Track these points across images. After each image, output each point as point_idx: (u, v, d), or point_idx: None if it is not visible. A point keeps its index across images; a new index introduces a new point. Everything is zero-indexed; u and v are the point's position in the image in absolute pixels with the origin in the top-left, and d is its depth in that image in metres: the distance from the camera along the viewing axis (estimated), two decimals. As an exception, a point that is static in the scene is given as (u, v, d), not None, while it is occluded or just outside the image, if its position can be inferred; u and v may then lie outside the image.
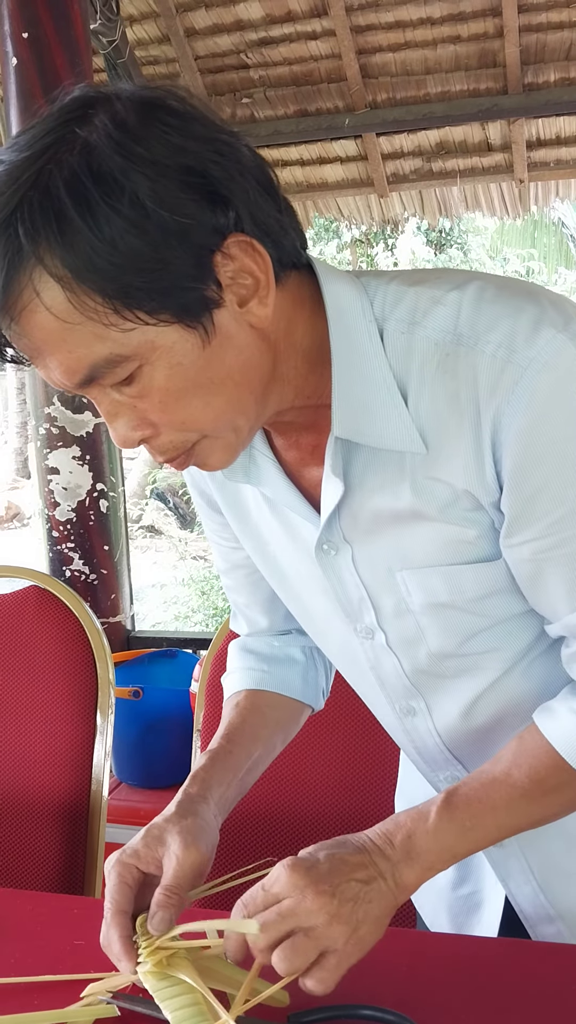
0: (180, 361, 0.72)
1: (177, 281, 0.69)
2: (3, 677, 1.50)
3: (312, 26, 3.40)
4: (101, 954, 0.90)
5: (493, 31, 3.28)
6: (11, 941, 0.94)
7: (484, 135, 3.60)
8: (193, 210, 0.69)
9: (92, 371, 0.71)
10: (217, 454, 0.79)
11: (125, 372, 0.72)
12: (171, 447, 0.77)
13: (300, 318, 0.80)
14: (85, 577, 2.76)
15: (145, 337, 0.70)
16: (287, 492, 0.89)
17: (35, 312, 0.69)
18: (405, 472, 0.81)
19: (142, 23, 3.43)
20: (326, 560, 0.90)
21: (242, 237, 0.72)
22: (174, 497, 12.01)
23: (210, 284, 0.71)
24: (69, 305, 0.68)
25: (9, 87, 2.58)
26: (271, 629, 1.13)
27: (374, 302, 0.80)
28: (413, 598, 0.87)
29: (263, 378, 0.78)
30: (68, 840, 1.41)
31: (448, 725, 0.95)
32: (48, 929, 0.96)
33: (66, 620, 1.49)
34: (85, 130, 0.68)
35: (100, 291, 0.68)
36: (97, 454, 2.72)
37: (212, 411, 0.75)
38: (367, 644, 0.93)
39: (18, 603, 1.53)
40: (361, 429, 0.80)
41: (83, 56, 2.62)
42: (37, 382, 2.70)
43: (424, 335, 0.77)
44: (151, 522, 11.66)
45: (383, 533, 0.85)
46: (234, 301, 0.73)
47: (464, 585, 0.85)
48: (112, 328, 0.69)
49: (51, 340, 0.70)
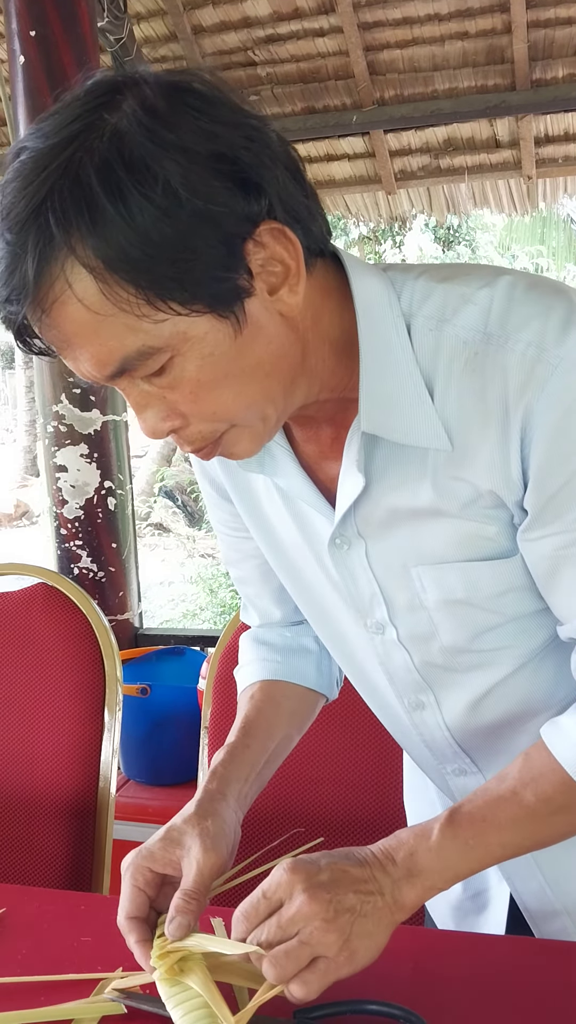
0: (212, 351, 0.71)
1: (209, 270, 0.68)
2: (12, 674, 1.50)
3: (319, 23, 3.39)
4: (108, 951, 0.90)
5: (501, 27, 3.26)
6: (19, 937, 0.95)
7: (492, 131, 3.59)
8: (225, 197, 0.68)
9: (124, 363, 0.71)
10: (244, 443, 0.79)
11: (157, 364, 0.71)
12: (199, 437, 0.77)
13: (327, 308, 0.79)
14: (93, 575, 2.76)
15: (177, 328, 0.69)
16: (303, 485, 0.88)
17: (67, 304, 0.68)
18: (427, 469, 0.81)
19: (149, 21, 3.43)
20: (339, 555, 0.89)
21: (274, 224, 0.71)
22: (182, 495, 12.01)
23: (242, 273, 0.70)
24: (102, 296, 0.67)
25: (16, 85, 2.58)
26: (284, 619, 1.12)
27: (401, 297, 0.80)
28: (428, 594, 0.86)
29: (292, 367, 0.77)
30: (76, 837, 1.41)
31: (457, 719, 0.95)
32: (55, 926, 0.97)
33: (74, 617, 1.50)
34: (114, 116, 0.67)
35: (133, 282, 0.67)
36: (105, 452, 2.72)
37: (242, 401, 0.75)
38: (377, 639, 0.93)
39: (26, 600, 1.54)
40: (387, 424, 0.79)
41: (90, 54, 2.62)
42: (45, 380, 2.70)
43: (453, 333, 0.77)
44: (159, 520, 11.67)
45: (399, 529, 0.85)
46: (264, 290, 0.73)
47: (481, 582, 0.84)
48: (144, 319, 0.68)
49: (82, 332, 0.69)
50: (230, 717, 1.42)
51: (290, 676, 1.09)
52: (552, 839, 0.85)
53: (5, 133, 3.69)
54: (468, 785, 1.00)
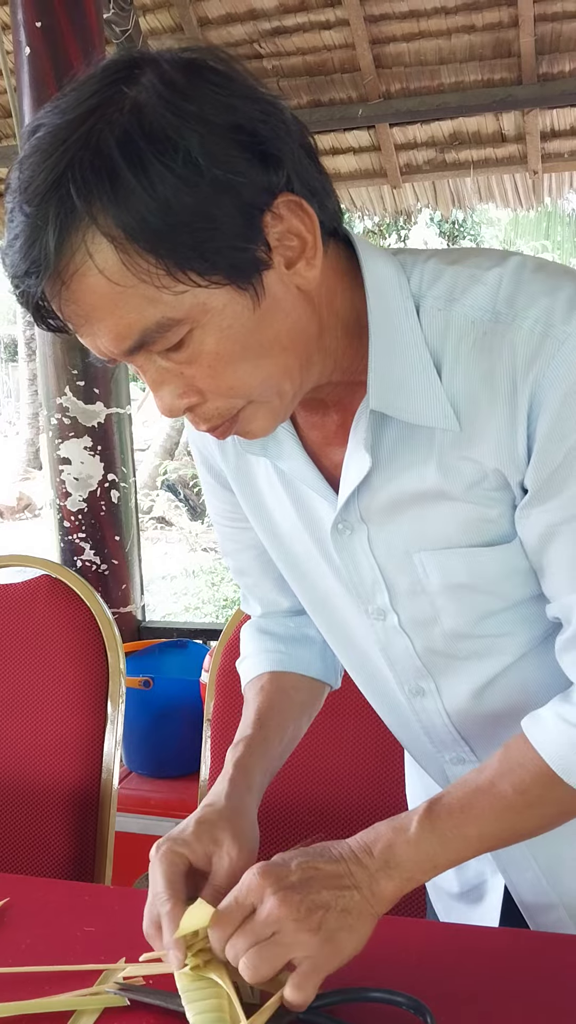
0: (231, 324, 0.71)
1: (229, 241, 0.68)
2: (15, 666, 1.50)
3: (326, 15, 3.38)
4: (111, 941, 0.90)
5: (508, 21, 3.25)
6: (22, 928, 0.95)
7: (498, 126, 3.58)
8: (244, 168, 0.68)
9: (143, 337, 0.70)
10: (260, 420, 0.78)
11: (176, 337, 0.71)
12: (216, 414, 0.77)
13: (339, 288, 0.80)
14: (96, 567, 2.76)
15: (197, 300, 0.69)
16: (306, 469, 0.88)
17: (87, 275, 0.68)
18: (433, 450, 0.81)
19: (155, 12, 3.42)
20: (341, 540, 0.89)
21: (291, 197, 0.71)
22: (185, 489, 12.01)
23: (260, 244, 0.71)
24: (122, 267, 0.67)
25: (22, 76, 2.57)
26: (287, 608, 1.12)
27: (411, 278, 0.80)
28: (431, 579, 0.86)
29: (309, 343, 0.77)
30: (78, 828, 1.41)
31: (458, 706, 0.95)
32: (58, 916, 0.97)
33: (77, 610, 1.50)
34: (133, 90, 0.67)
35: (153, 252, 0.67)
36: (108, 444, 2.72)
37: (260, 375, 0.75)
38: (378, 625, 0.93)
39: (30, 592, 1.54)
40: (395, 403, 0.79)
41: (96, 46, 2.61)
42: (49, 373, 2.70)
43: (461, 313, 0.78)
44: (162, 513, 11.68)
45: (402, 514, 0.85)
46: (282, 263, 0.73)
47: (484, 566, 0.84)
48: (164, 291, 0.68)
49: (102, 305, 0.69)
50: (232, 710, 1.43)
51: (296, 667, 1.09)
52: (531, 831, 0.85)
53: (10, 124, 3.68)
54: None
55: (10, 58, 2.76)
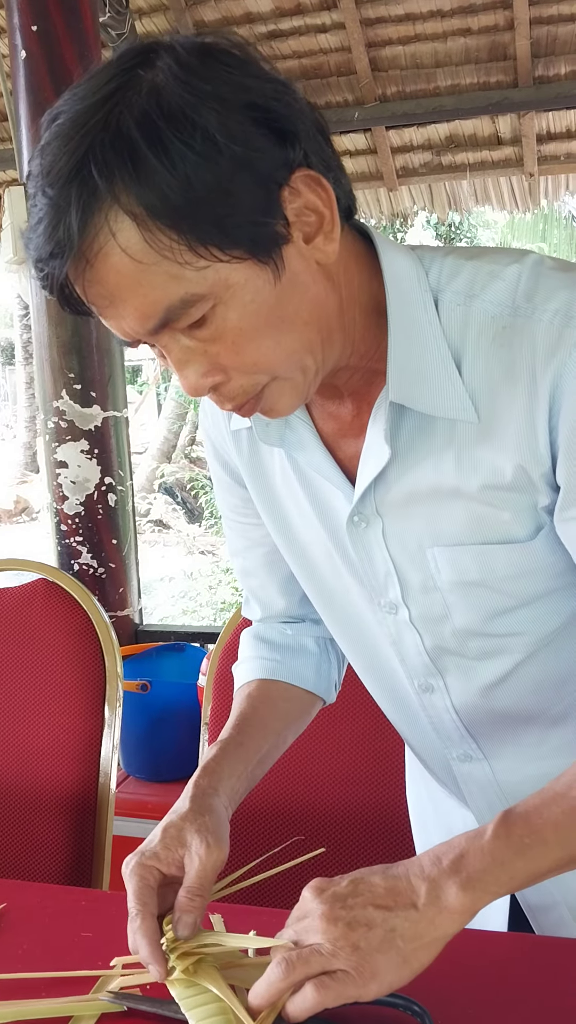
0: (253, 299, 0.72)
1: (248, 216, 0.70)
2: (12, 669, 1.50)
3: (321, 19, 3.39)
4: (109, 946, 0.90)
5: (504, 24, 3.26)
6: (19, 933, 0.95)
7: (494, 128, 3.59)
8: (262, 143, 0.70)
9: (167, 314, 0.71)
10: (285, 397, 0.79)
11: (199, 312, 0.72)
12: (241, 392, 0.77)
13: (357, 272, 0.81)
14: (93, 571, 2.76)
15: (219, 275, 0.70)
16: (323, 460, 0.89)
17: (110, 255, 0.69)
18: (452, 444, 0.81)
19: (151, 16, 3.43)
20: (356, 533, 0.89)
21: (308, 172, 0.73)
22: (182, 492, 12.02)
23: (279, 219, 0.72)
24: (145, 244, 0.68)
25: (18, 80, 2.57)
26: (286, 612, 1.12)
27: (429, 273, 0.81)
28: (442, 575, 0.87)
29: (329, 319, 0.78)
30: (76, 832, 1.41)
31: (466, 703, 0.94)
32: (56, 921, 0.97)
33: (74, 613, 1.50)
34: (150, 73, 0.69)
35: (175, 228, 0.68)
36: (106, 448, 2.72)
37: (283, 350, 0.76)
38: (389, 620, 0.93)
39: (27, 596, 1.53)
40: (414, 395, 0.80)
41: (92, 49, 2.61)
42: (46, 376, 2.70)
43: (481, 308, 0.79)
44: (159, 516, 11.68)
45: (417, 508, 0.85)
46: (300, 238, 0.74)
47: (495, 565, 0.84)
48: (187, 267, 0.69)
49: (126, 284, 0.70)
50: (229, 714, 1.42)
51: (288, 677, 1.08)
52: None
53: (6, 128, 3.68)
54: (473, 772, 0.99)
55: (6, 62, 2.76)
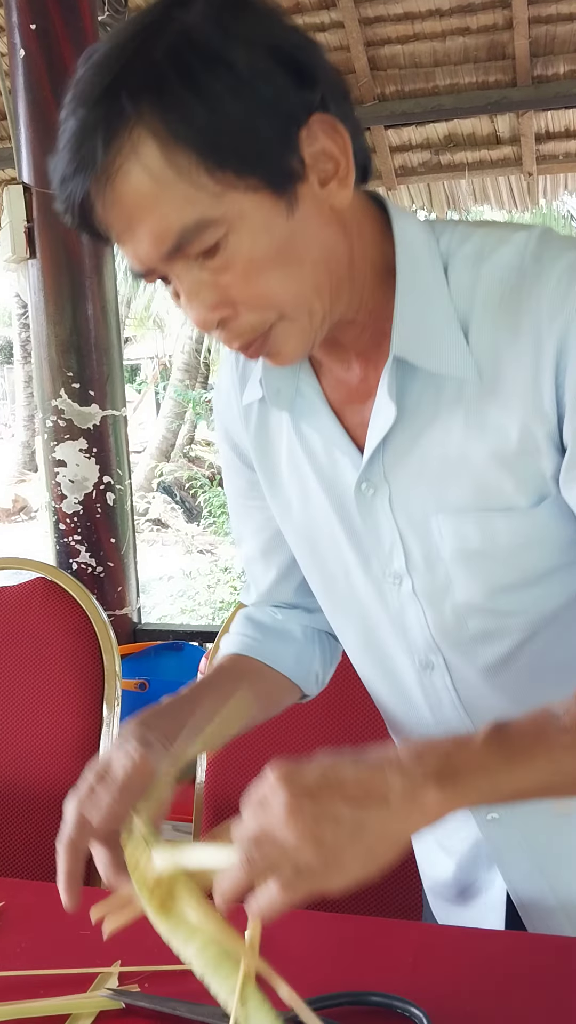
0: (265, 230, 0.75)
1: (266, 147, 0.73)
2: (10, 669, 1.50)
3: (320, 18, 3.39)
4: (107, 945, 0.90)
5: (502, 23, 3.26)
6: (17, 931, 0.95)
7: (493, 128, 3.59)
8: (284, 82, 0.73)
9: (181, 237, 0.73)
10: (292, 340, 0.80)
11: (212, 238, 0.74)
12: (248, 328, 0.79)
13: (369, 230, 0.83)
14: (92, 570, 2.76)
15: (233, 202, 0.73)
16: (332, 426, 0.90)
17: (131, 172, 0.72)
18: (459, 407, 0.83)
19: (150, 15, 3.43)
20: (363, 501, 0.90)
21: (326, 117, 0.76)
22: (180, 491, 12.02)
23: (295, 156, 0.75)
24: (165, 164, 0.71)
25: (17, 79, 2.57)
26: (282, 599, 1.12)
27: (440, 240, 0.84)
28: (445, 544, 0.87)
29: (339, 265, 0.80)
30: (74, 831, 1.41)
31: (466, 684, 0.94)
32: (54, 919, 0.97)
33: (73, 612, 1.50)
34: (184, 14, 0.72)
35: (196, 151, 0.71)
36: (104, 447, 2.72)
37: (292, 286, 0.77)
38: (393, 592, 0.93)
39: (25, 595, 1.54)
40: (417, 350, 0.82)
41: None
42: (45, 375, 2.70)
43: (489, 272, 0.81)
44: (158, 515, 11.68)
45: (424, 473, 0.86)
46: (316, 181, 0.77)
47: (497, 534, 0.85)
48: (203, 191, 0.72)
49: (143, 204, 0.73)
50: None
51: (264, 656, 1.07)
52: None
53: (5, 127, 3.68)
54: None
55: (5, 60, 2.76)
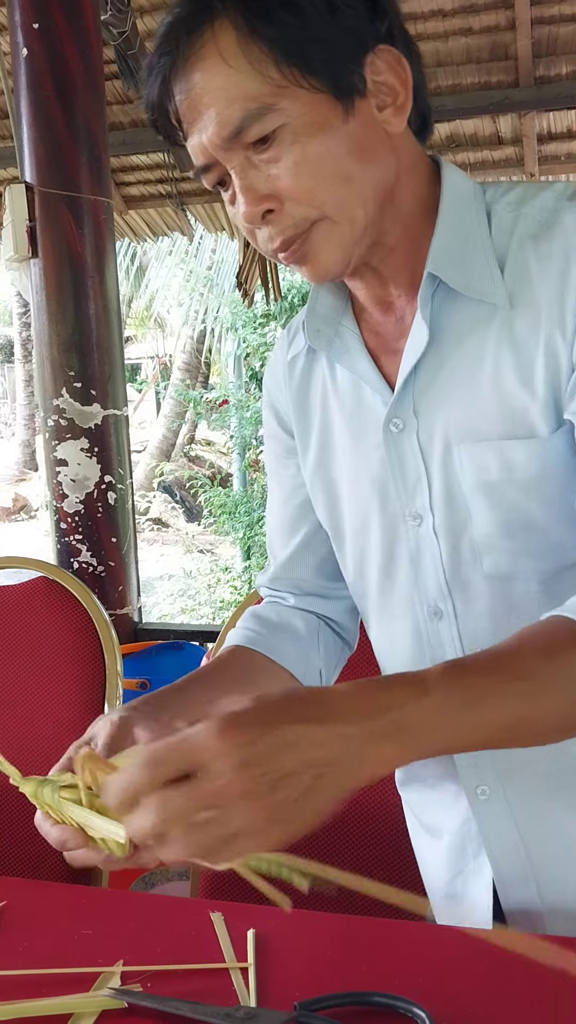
0: (320, 128, 0.81)
1: (334, 56, 0.80)
2: (12, 667, 1.50)
3: (323, 18, 3.39)
4: (109, 944, 0.90)
5: (505, 24, 3.26)
6: (20, 931, 0.95)
7: (495, 128, 3.59)
8: (360, 8, 0.82)
9: (243, 121, 0.80)
10: (330, 246, 0.85)
11: (270, 125, 0.80)
12: (291, 223, 0.83)
13: (419, 167, 0.90)
14: (93, 569, 2.76)
15: (295, 97, 0.80)
16: (366, 365, 0.96)
17: (208, 58, 0.79)
18: (490, 330, 0.88)
19: (152, 14, 3.42)
20: (391, 438, 0.94)
21: (392, 49, 0.83)
22: (181, 490, 12.02)
23: (358, 74, 0.82)
24: (239, 52, 0.79)
25: (19, 78, 2.57)
26: (298, 572, 1.14)
27: (487, 191, 0.92)
28: (465, 475, 0.90)
29: (386, 182, 0.86)
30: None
31: (473, 635, 0.95)
32: (56, 919, 0.97)
33: (74, 611, 1.50)
34: None
35: (269, 45, 0.79)
36: (105, 446, 2.72)
37: (338, 188, 0.82)
38: (412, 532, 0.96)
39: (27, 594, 1.54)
40: (453, 272, 0.87)
41: (93, 47, 2.61)
42: (46, 374, 2.70)
43: (528, 211, 0.88)
44: (158, 515, 11.68)
45: (451, 402, 0.90)
46: (374, 104, 0.84)
47: (516, 463, 0.87)
48: (269, 82, 0.79)
49: (215, 87, 0.80)
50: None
51: (265, 649, 1.08)
52: (558, 708, 0.72)
53: (7, 126, 3.68)
54: None
55: (7, 59, 2.75)
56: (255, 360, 9.93)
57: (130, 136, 3.73)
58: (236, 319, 9.93)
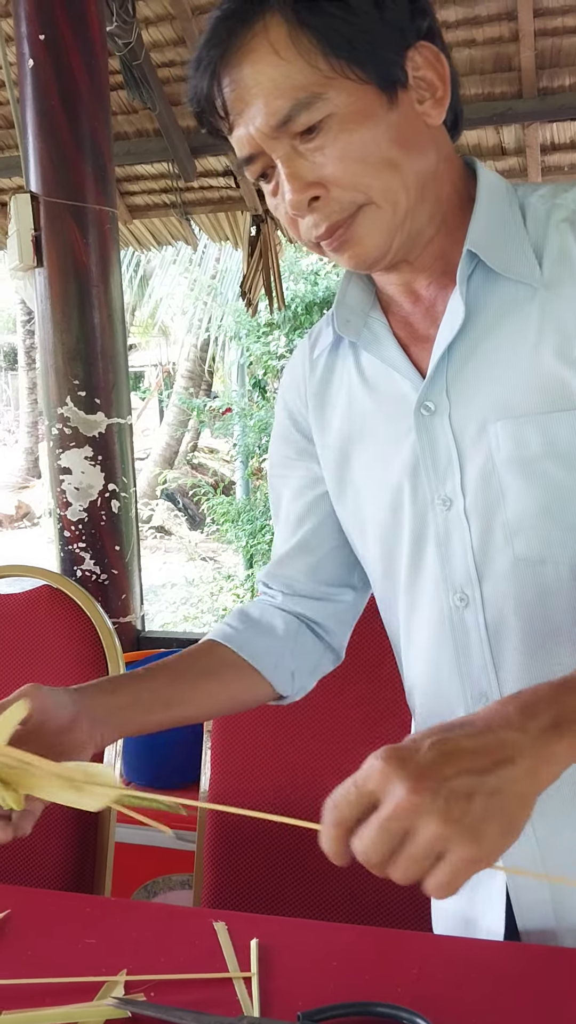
0: (365, 116, 0.84)
1: (380, 49, 0.84)
2: (15, 675, 1.50)
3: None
4: (113, 953, 0.90)
5: (508, 35, 3.27)
6: (23, 939, 0.95)
7: (498, 139, 3.60)
8: (403, 4, 0.85)
9: (292, 109, 0.83)
10: (374, 230, 0.88)
11: (318, 115, 0.83)
12: (337, 207, 0.86)
13: (453, 163, 0.94)
14: (96, 577, 2.76)
15: (342, 88, 0.83)
16: (396, 354, 0.98)
17: (257, 48, 0.83)
18: (527, 309, 0.89)
19: (158, 25, 3.44)
20: (422, 422, 0.95)
21: (431, 45, 0.87)
22: (183, 498, 12.02)
23: (400, 68, 0.85)
24: (289, 43, 0.82)
25: (25, 88, 2.59)
26: (293, 570, 1.14)
27: (518, 189, 0.95)
28: (501, 452, 0.90)
29: (426, 172, 0.89)
30: (78, 839, 1.41)
31: (498, 623, 0.94)
32: (60, 928, 0.97)
33: (78, 620, 1.50)
34: None
35: (317, 36, 0.82)
36: (109, 454, 2.72)
37: (382, 174, 0.86)
38: (441, 517, 0.96)
39: (31, 602, 1.54)
40: (491, 251, 0.90)
41: (99, 58, 2.63)
42: (51, 382, 2.71)
43: (561, 202, 0.92)
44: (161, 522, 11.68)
45: (487, 381, 0.91)
46: (414, 98, 0.87)
47: (558, 436, 0.88)
48: (317, 72, 0.82)
49: (263, 79, 0.83)
50: (233, 720, 1.43)
51: (237, 646, 1.09)
52: None
53: (13, 136, 3.70)
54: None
55: (13, 70, 2.77)
56: (258, 368, 9.94)
57: (135, 146, 3.75)
58: (240, 328, 9.94)
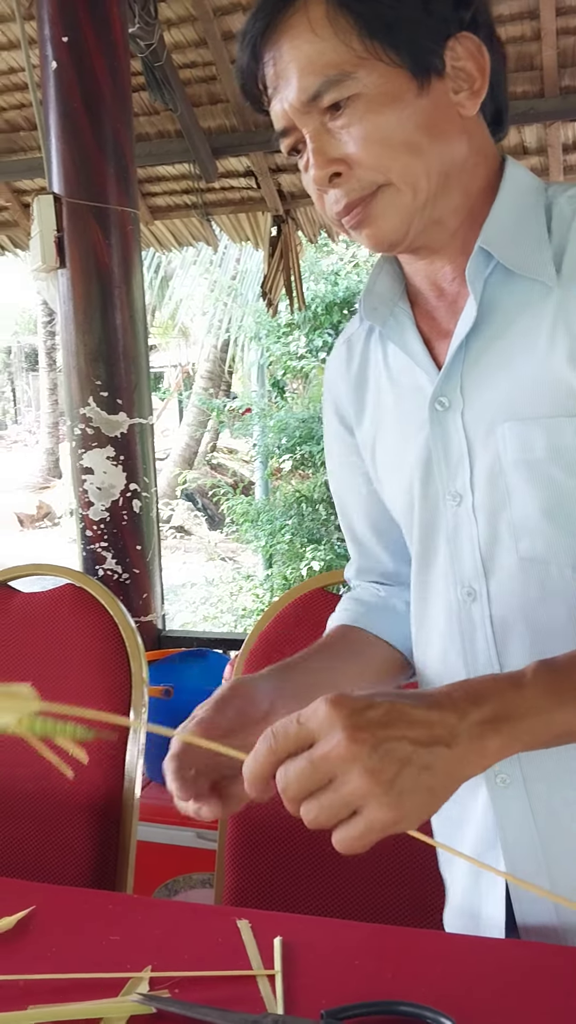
0: (393, 99, 0.85)
1: (417, 36, 0.85)
2: (39, 673, 1.51)
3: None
4: (137, 950, 0.91)
5: (530, 34, 3.26)
6: (48, 935, 0.96)
7: (520, 138, 3.58)
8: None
9: (321, 86, 0.85)
10: (392, 211, 0.88)
11: (347, 92, 0.85)
12: (358, 187, 0.87)
13: (488, 158, 0.93)
14: (118, 576, 2.77)
15: (374, 68, 0.84)
16: (416, 345, 0.99)
17: (296, 25, 0.85)
18: (542, 310, 0.89)
19: (180, 27, 3.45)
20: (436, 417, 0.96)
21: (473, 37, 0.87)
22: (203, 498, 12.05)
23: (438, 56, 0.86)
24: (327, 21, 0.84)
25: (48, 90, 2.60)
26: (381, 568, 1.17)
27: (549, 188, 0.94)
28: (508, 454, 0.91)
29: (452, 160, 0.89)
30: (101, 837, 1.42)
31: (504, 620, 0.95)
32: (84, 924, 0.97)
33: (101, 618, 1.51)
34: None
35: (355, 18, 0.83)
36: (131, 455, 2.73)
37: (406, 157, 0.86)
38: (451, 512, 0.97)
39: (54, 601, 1.55)
40: (503, 250, 0.89)
41: (121, 60, 2.64)
42: (73, 383, 2.72)
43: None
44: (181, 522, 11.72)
45: (499, 380, 0.91)
46: (450, 88, 0.87)
47: (564, 441, 0.88)
48: (351, 52, 0.84)
49: (299, 55, 0.85)
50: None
51: (369, 626, 1.12)
52: None
53: (36, 138, 3.72)
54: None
55: (36, 72, 2.79)
56: (278, 369, 9.95)
57: (156, 147, 3.76)
58: (260, 328, 9.96)
